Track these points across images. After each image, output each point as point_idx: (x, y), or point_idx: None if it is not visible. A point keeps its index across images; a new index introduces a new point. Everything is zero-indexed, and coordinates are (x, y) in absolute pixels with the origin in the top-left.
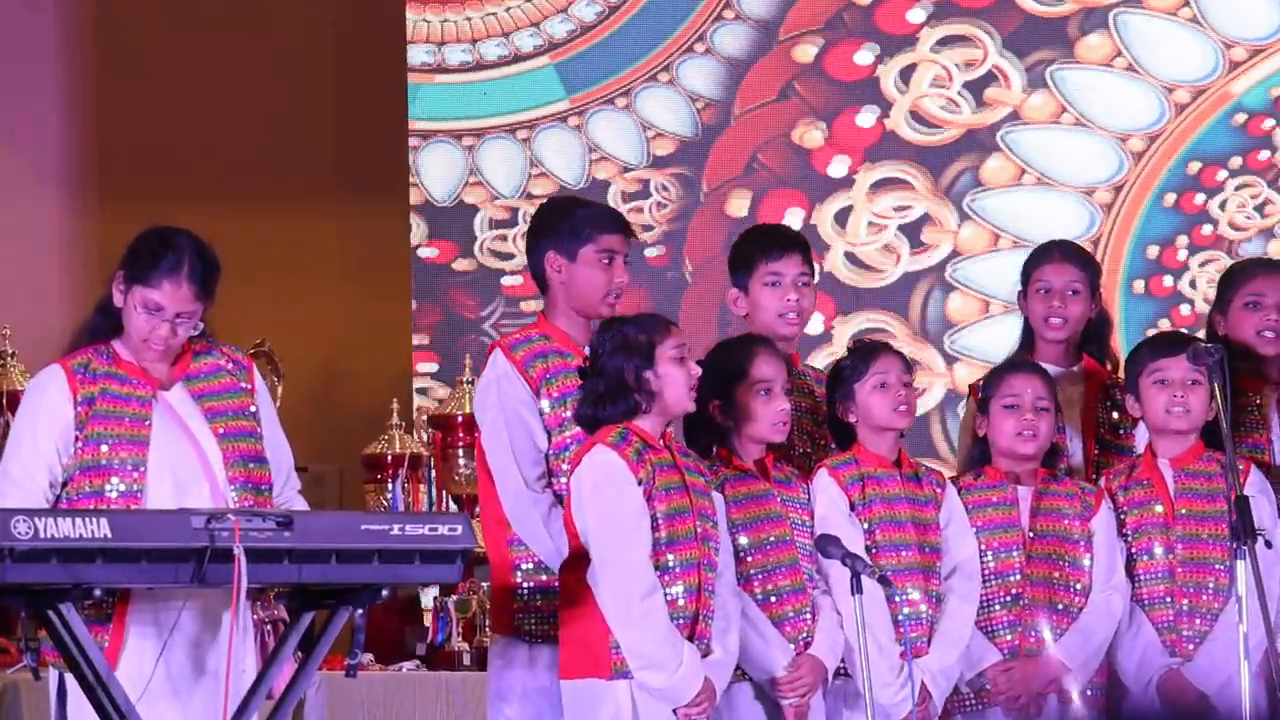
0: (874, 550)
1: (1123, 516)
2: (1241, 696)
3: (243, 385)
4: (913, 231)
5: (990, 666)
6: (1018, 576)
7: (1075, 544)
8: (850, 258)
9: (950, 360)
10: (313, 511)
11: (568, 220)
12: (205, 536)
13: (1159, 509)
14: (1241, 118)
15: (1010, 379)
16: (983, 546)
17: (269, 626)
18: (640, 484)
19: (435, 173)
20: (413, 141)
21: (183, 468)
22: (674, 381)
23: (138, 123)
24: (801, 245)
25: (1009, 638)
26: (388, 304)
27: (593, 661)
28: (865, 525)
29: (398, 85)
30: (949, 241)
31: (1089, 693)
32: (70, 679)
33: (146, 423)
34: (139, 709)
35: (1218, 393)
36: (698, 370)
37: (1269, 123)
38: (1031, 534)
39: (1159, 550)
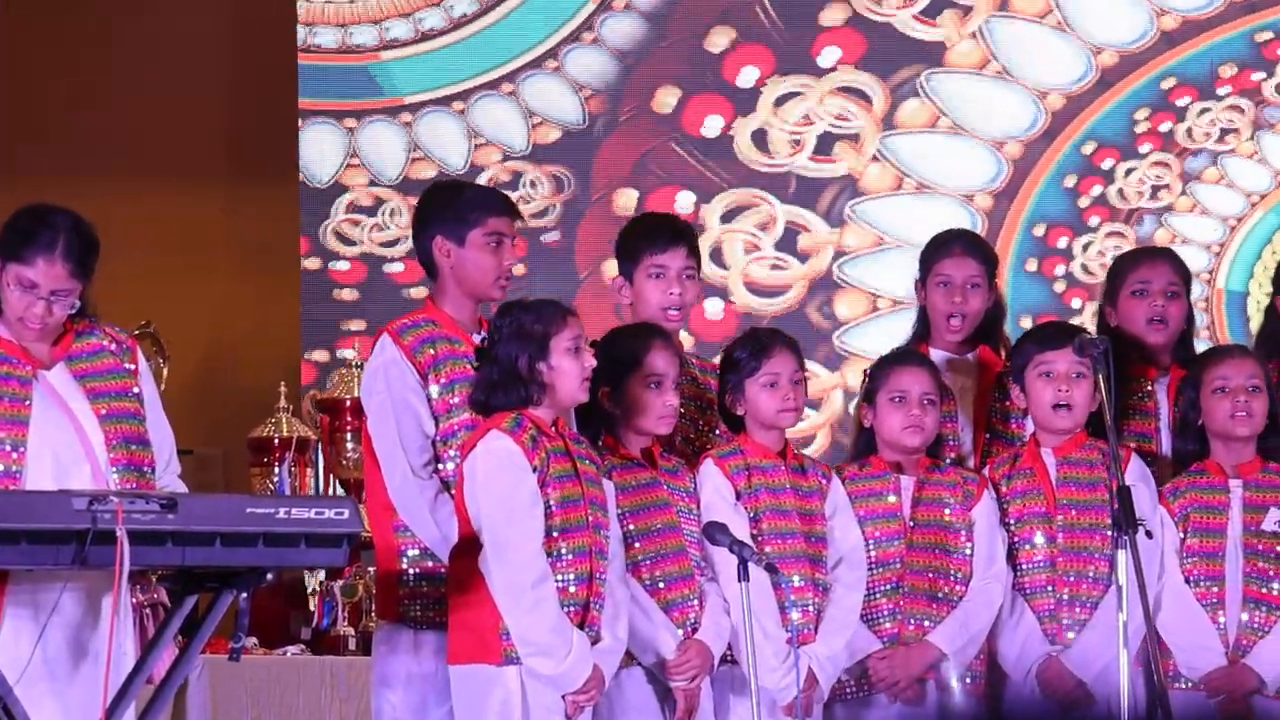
0: (759, 539)
1: (1005, 506)
2: (1121, 684)
3: (126, 366)
4: (829, 144)
5: (870, 655)
6: (899, 565)
7: (956, 533)
8: (759, 135)
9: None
10: (197, 494)
11: (454, 204)
12: (87, 518)
13: (1041, 498)
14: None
15: (897, 373)
16: (865, 535)
17: (148, 610)
18: (535, 470)
19: (314, 153)
20: (304, 122)
21: (64, 449)
22: (566, 375)
23: (25, 101)
24: (688, 237)
25: (890, 626)
26: (276, 287)
27: (482, 647)
28: (750, 514)
29: (290, 67)
30: (856, 166)
31: (968, 680)
32: None
33: (26, 403)
34: (16, 692)
35: (1103, 384)
36: (592, 361)
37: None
38: (912, 523)
39: (1040, 539)
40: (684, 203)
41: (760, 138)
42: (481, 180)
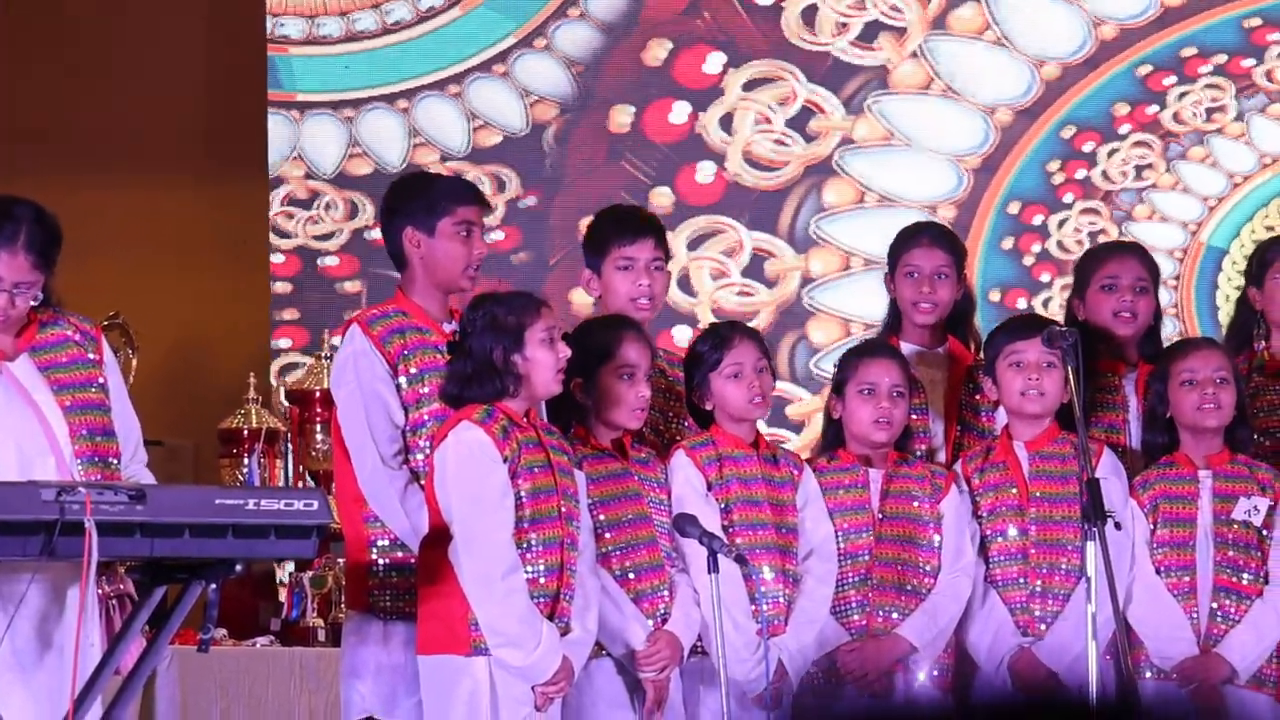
0: (730, 530)
1: (978, 499)
2: (1089, 675)
3: (90, 356)
4: (873, 33)
5: (838, 646)
6: (868, 557)
7: (924, 526)
8: (809, 11)
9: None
10: (166, 485)
11: (423, 195)
12: (55, 509)
13: (1013, 491)
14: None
15: (866, 365)
16: (834, 528)
17: (114, 601)
18: (505, 462)
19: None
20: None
21: (27, 440)
22: (541, 366)
23: None
24: (656, 229)
25: (858, 618)
26: (247, 278)
27: (451, 638)
28: (722, 505)
29: (261, 58)
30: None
31: (935, 672)
32: None
33: None
34: None
35: (1071, 376)
36: (567, 352)
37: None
38: (881, 515)
39: (1013, 532)
40: (713, 64)
41: (810, 14)
42: (548, 133)
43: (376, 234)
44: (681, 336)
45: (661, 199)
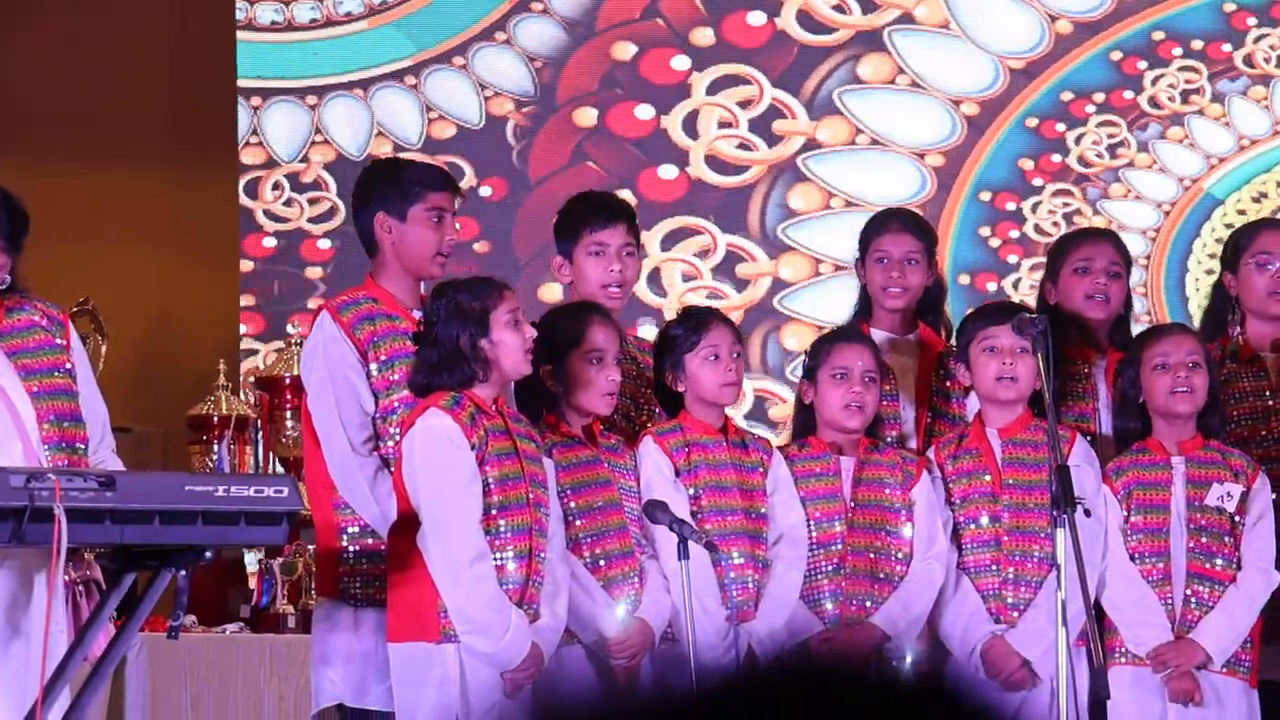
0: (699, 515)
1: (950, 486)
2: (1059, 661)
3: (58, 342)
4: None
5: (811, 636)
6: (840, 546)
7: (896, 513)
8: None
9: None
10: (136, 472)
11: (396, 180)
12: (24, 496)
13: (987, 478)
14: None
15: (839, 350)
16: (806, 516)
17: (80, 586)
18: (473, 448)
19: (277, 133)
20: (253, 101)
21: None
22: (509, 348)
23: None
24: (627, 214)
25: (831, 607)
26: (217, 264)
27: (421, 625)
28: (691, 491)
29: (229, 44)
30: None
31: (909, 660)
32: None
33: None
34: None
35: (1041, 363)
36: (533, 333)
37: (1141, 64)
38: (853, 503)
39: (985, 519)
40: None
41: None
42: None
43: None
44: (668, 173)
45: (680, 61)
